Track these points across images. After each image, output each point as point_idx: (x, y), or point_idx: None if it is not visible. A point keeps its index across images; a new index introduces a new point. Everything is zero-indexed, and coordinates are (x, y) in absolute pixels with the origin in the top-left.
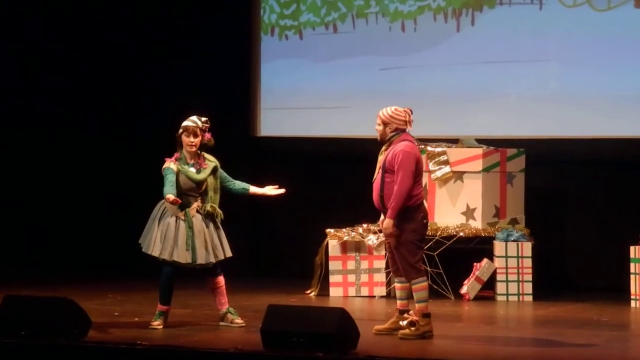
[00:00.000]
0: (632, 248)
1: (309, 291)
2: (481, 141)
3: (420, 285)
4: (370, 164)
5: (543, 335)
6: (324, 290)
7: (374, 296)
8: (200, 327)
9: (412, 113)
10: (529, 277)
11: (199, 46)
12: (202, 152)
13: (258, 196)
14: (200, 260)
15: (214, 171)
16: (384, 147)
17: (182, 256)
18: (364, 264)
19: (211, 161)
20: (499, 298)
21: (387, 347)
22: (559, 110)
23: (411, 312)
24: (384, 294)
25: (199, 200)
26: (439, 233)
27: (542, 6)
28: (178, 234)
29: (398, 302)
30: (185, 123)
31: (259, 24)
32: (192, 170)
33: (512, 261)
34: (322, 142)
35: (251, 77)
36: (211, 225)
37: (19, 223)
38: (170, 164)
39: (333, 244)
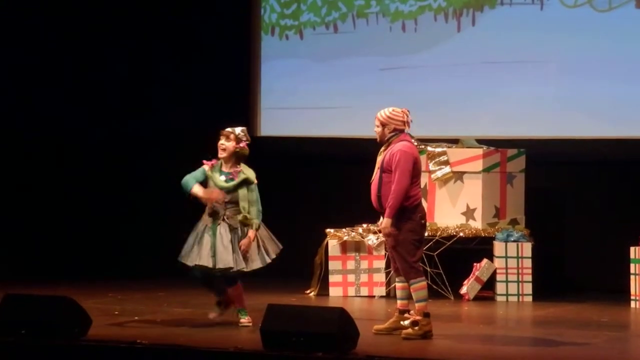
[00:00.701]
0: (632, 249)
1: (308, 291)
2: (481, 141)
3: (419, 285)
4: (370, 164)
5: (542, 336)
6: (323, 290)
7: (374, 296)
8: (201, 326)
9: (409, 113)
10: (529, 278)
11: (199, 46)
12: (242, 164)
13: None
14: (220, 264)
15: (244, 183)
16: (382, 148)
17: (204, 260)
18: (364, 264)
19: (245, 174)
20: (498, 298)
21: (387, 347)
22: (559, 110)
23: (412, 312)
24: (384, 294)
25: (227, 210)
26: (439, 233)
27: (543, 6)
28: (203, 241)
29: (398, 302)
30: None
31: (260, 23)
32: (222, 178)
33: (512, 261)
34: (322, 142)
35: (251, 77)
36: (237, 235)
37: (19, 222)
38: (205, 166)
39: (333, 244)
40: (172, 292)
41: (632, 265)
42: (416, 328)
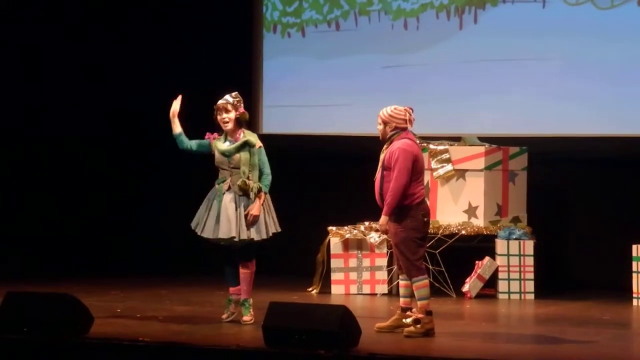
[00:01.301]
0: (634, 246)
1: (310, 289)
2: (483, 139)
3: (421, 283)
4: (373, 161)
5: (544, 333)
6: (325, 288)
7: (376, 294)
8: (203, 323)
9: (412, 111)
10: (531, 275)
11: (201, 43)
12: (243, 129)
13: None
14: (222, 234)
15: (244, 145)
16: (385, 146)
17: (207, 231)
18: (366, 262)
19: (246, 137)
20: (500, 296)
21: (389, 345)
22: (561, 108)
23: (414, 309)
24: (386, 291)
25: (232, 176)
26: (441, 231)
27: (545, 4)
28: (210, 211)
29: (401, 299)
30: (218, 103)
31: (262, 21)
32: (226, 144)
33: (514, 259)
34: (325, 139)
35: (253, 75)
36: (243, 203)
37: (21, 220)
38: (207, 139)
39: (335, 242)
40: (174, 290)
41: (634, 263)
42: (418, 326)
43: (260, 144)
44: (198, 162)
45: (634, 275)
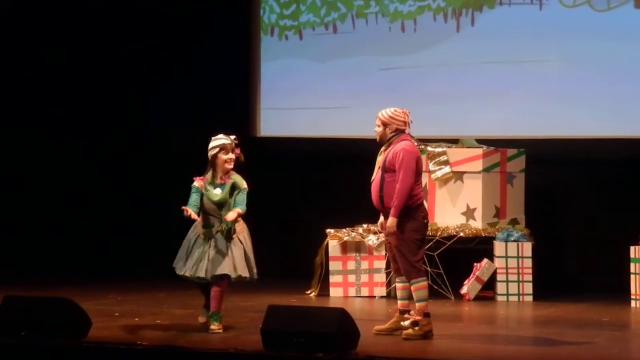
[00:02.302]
0: (632, 248)
1: (309, 291)
2: (481, 141)
3: (420, 285)
4: (370, 164)
5: (543, 335)
6: (324, 291)
7: (374, 296)
8: (201, 327)
9: (409, 114)
10: (529, 277)
11: (198, 46)
12: (233, 172)
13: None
14: (200, 273)
15: (232, 189)
16: (383, 148)
17: (188, 271)
18: (364, 264)
19: (233, 179)
20: (499, 298)
21: (387, 347)
22: (559, 110)
23: (412, 312)
24: (384, 294)
25: (220, 221)
26: (439, 233)
27: (542, 6)
28: (194, 251)
29: (399, 302)
30: (219, 142)
31: (259, 24)
32: (217, 191)
33: (512, 261)
34: (322, 142)
35: (251, 78)
36: (229, 244)
37: (19, 223)
38: (196, 182)
39: (333, 244)
40: (172, 294)
41: (632, 265)
42: (416, 328)
43: (246, 186)
44: (197, 165)
45: (632, 276)
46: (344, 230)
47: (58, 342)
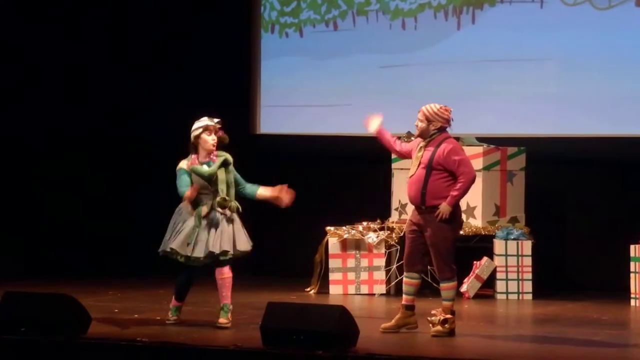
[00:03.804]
0: (632, 247)
1: (308, 289)
2: (481, 139)
3: (452, 284)
4: (371, 161)
5: (543, 334)
6: (323, 288)
7: (374, 294)
8: (200, 324)
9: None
10: (529, 276)
11: (198, 44)
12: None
13: (267, 200)
14: (198, 253)
15: (223, 164)
16: (423, 144)
17: (181, 248)
18: (364, 262)
19: (221, 155)
20: (498, 296)
21: (387, 345)
22: (559, 108)
23: (439, 309)
24: (384, 291)
25: (212, 199)
26: None
27: (543, 4)
28: (183, 229)
29: (404, 296)
30: (202, 123)
31: (259, 21)
32: (204, 167)
33: (512, 260)
34: (322, 139)
35: (251, 75)
36: (224, 221)
37: (20, 220)
38: (182, 164)
39: (333, 242)
40: (172, 290)
41: (632, 264)
42: (446, 325)
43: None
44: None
45: (632, 275)
46: (343, 227)
47: (58, 338)
